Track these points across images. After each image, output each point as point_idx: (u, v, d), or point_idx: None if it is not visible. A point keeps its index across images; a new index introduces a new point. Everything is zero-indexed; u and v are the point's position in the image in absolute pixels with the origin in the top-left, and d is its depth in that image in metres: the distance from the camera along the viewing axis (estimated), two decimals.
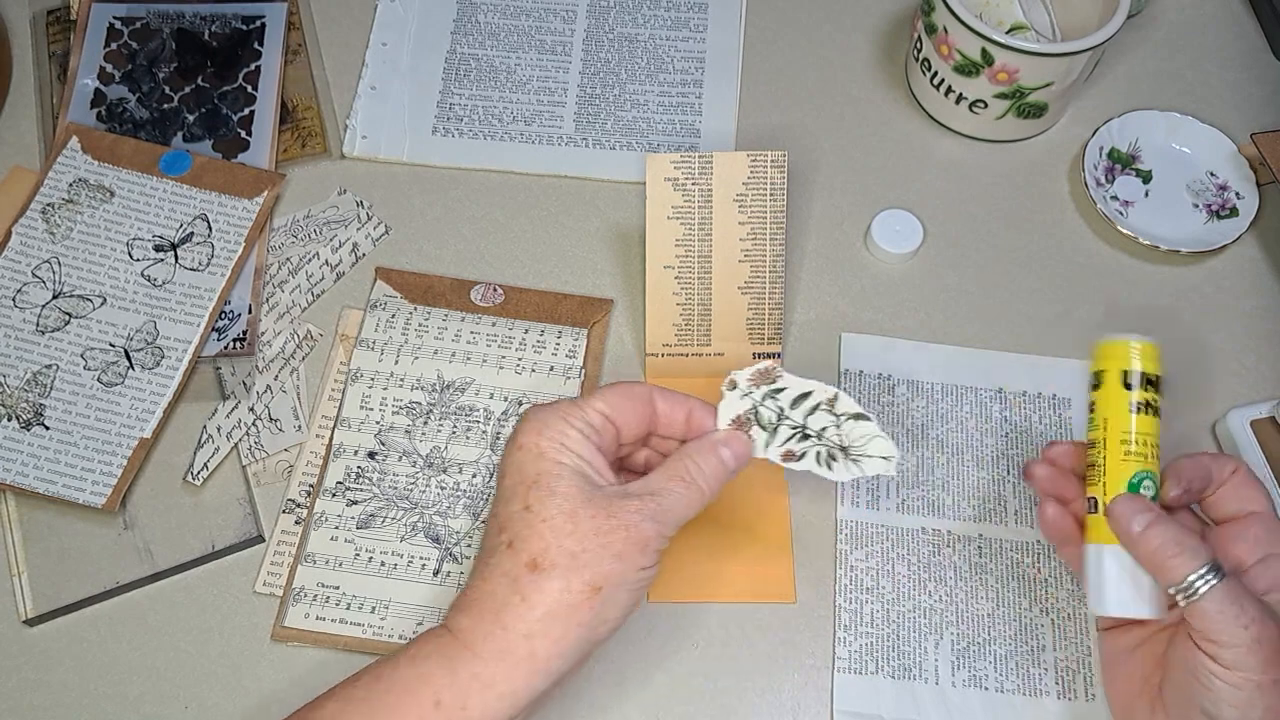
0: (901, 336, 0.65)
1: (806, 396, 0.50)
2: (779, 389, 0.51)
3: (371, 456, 0.60)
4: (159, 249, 0.64)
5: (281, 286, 0.65)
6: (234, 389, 0.62)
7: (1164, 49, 0.76)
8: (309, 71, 0.73)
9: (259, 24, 0.73)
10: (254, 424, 0.61)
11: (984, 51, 0.65)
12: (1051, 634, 0.56)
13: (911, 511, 0.59)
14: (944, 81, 0.69)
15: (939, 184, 0.70)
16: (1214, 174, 0.70)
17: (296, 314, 0.64)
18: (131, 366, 0.61)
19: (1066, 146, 0.72)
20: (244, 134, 0.69)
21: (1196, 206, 0.69)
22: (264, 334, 0.63)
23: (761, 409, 0.50)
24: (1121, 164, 0.70)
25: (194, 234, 0.65)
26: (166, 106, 0.70)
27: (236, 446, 0.60)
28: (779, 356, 0.62)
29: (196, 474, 0.59)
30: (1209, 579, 0.44)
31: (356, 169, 0.70)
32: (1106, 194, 0.69)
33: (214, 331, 0.63)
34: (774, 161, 0.59)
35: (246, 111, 0.70)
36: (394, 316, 0.64)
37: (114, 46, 0.71)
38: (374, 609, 0.56)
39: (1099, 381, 0.49)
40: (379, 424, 0.60)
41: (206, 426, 0.61)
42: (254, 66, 0.71)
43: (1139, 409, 0.48)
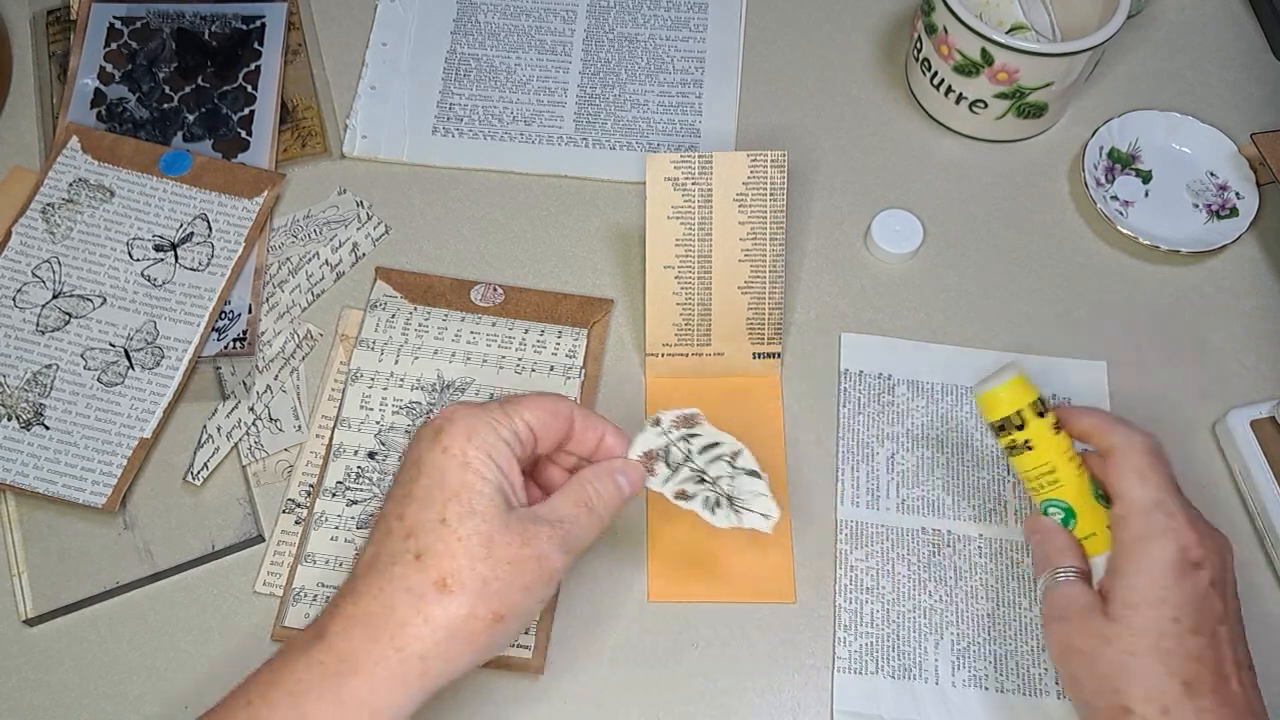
0: (901, 336, 0.65)
1: (715, 446, 0.53)
2: (694, 434, 0.53)
3: (371, 456, 0.60)
4: (159, 249, 0.64)
5: (281, 286, 0.65)
6: (234, 389, 0.62)
7: (1164, 49, 0.76)
8: (309, 71, 0.73)
9: (259, 24, 0.73)
10: (254, 424, 0.61)
11: (984, 51, 0.65)
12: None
13: (911, 511, 0.59)
14: (944, 81, 0.69)
15: (939, 184, 0.70)
16: (1214, 174, 0.70)
17: (296, 314, 0.64)
18: (131, 366, 0.61)
19: (1066, 146, 0.72)
20: (244, 134, 0.69)
21: (1196, 206, 0.69)
22: (264, 334, 0.63)
23: (673, 448, 0.53)
24: (1121, 164, 0.70)
25: (194, 234, 0.65)
26: (166, 106, 0.70)
27: (236, 446, 0.60)
28: (779, 356, 0.62)
29: (196, 474, 0.59)
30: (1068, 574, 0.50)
31: (356, 169, 0.70)
32: (1106, 194, 0.69)
33: (214, 331, 0.63)
34: (774, 161, 0.59)
35: (246, 111, 0.70)
36: (394, 316, 0.64)
37: (114, 46, 0.71)
38: None
39: (1021, 422, 0.52)
40: (379, 424, 0.60)
41: (206, 426, 0.61)
42: (254, 66, 0.71)
43: (1055, 428, 0.52)
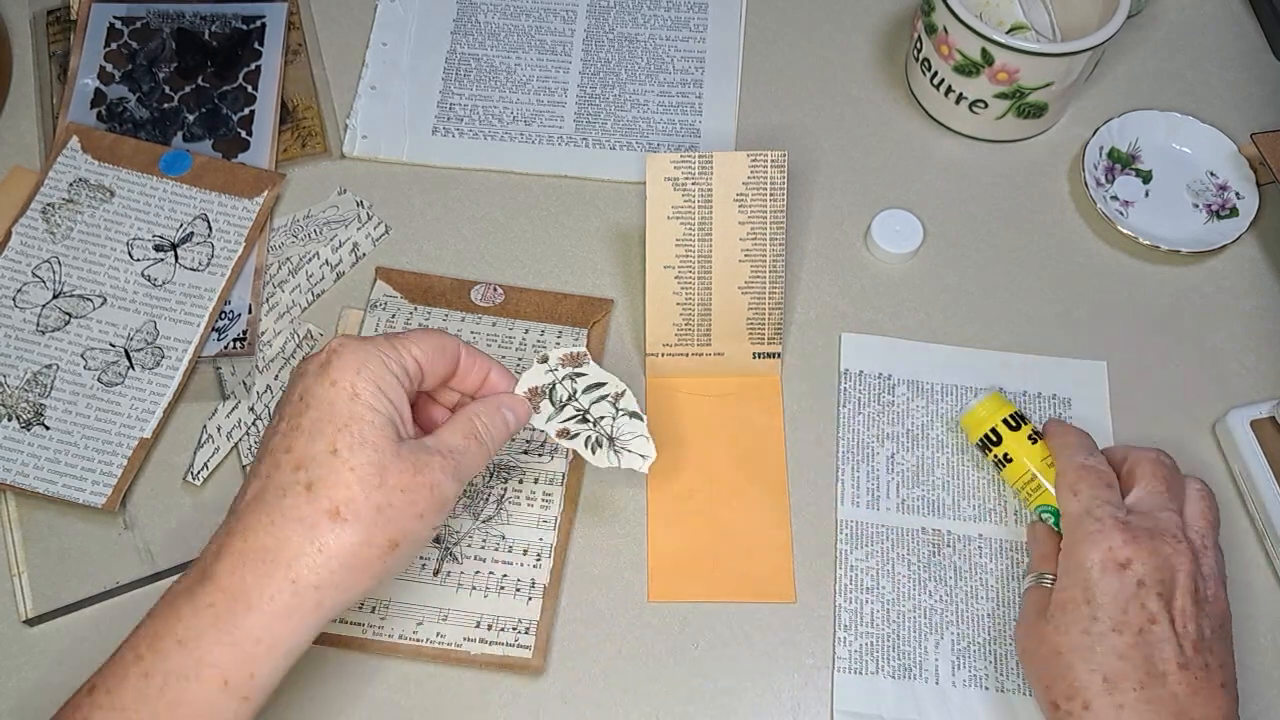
0: (901, 336, 0.65)
1: (599, 386, 0.54)
2: (581, 373, 0.54)
3: None
4: (159, 249, 0.64)
5: (281, 286, 0.65)
6: (234, 389, 0.62)
7: (1164, 49, 0.76)
8: (309, 71, 0.73)
9: (259, 24, 0.73)
10: (254, 424, 0.61)
11: (984, 51, 0.65)
12: None
13: (911, 511, 0.59)
14: (944, 81, 0.69)
15: (939, 184, 0.70)
16: (1214, 174, 0.70)
17: (296, 314, 0.64)
18: (131, 366, 0.61)
19: (1066, 146, 0.72)
20: (244, 134, 0.69)
21: (1196, 206, 0.69)
22: (264, 334, 0.63)
23: (559, 386, 0.54)
24: (1121, 164, 0.70)
25: (194, 234, 0.65)
26: (166, 106, 0.70)
27: (236, 446, 0.60)
28: (779, 356, 0.62)
29: (196, 474, 0.59)
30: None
31: (356, 169, 0.70)
32: (1106, 194, 0.69)
33: (214, 331, 0.63)
34: (774, 161, 0.59)
35: (246, 111, 0.70)
36: (394, 316, 0.64)
37: (114, 46, 0.71)
38: (374, 609, 0.56)
39: (997, 436, 0.57)
40: None
41: (206, 426, 0.61)
42: (254, 66, 0.71)
43: (1032, 439, 0.57)
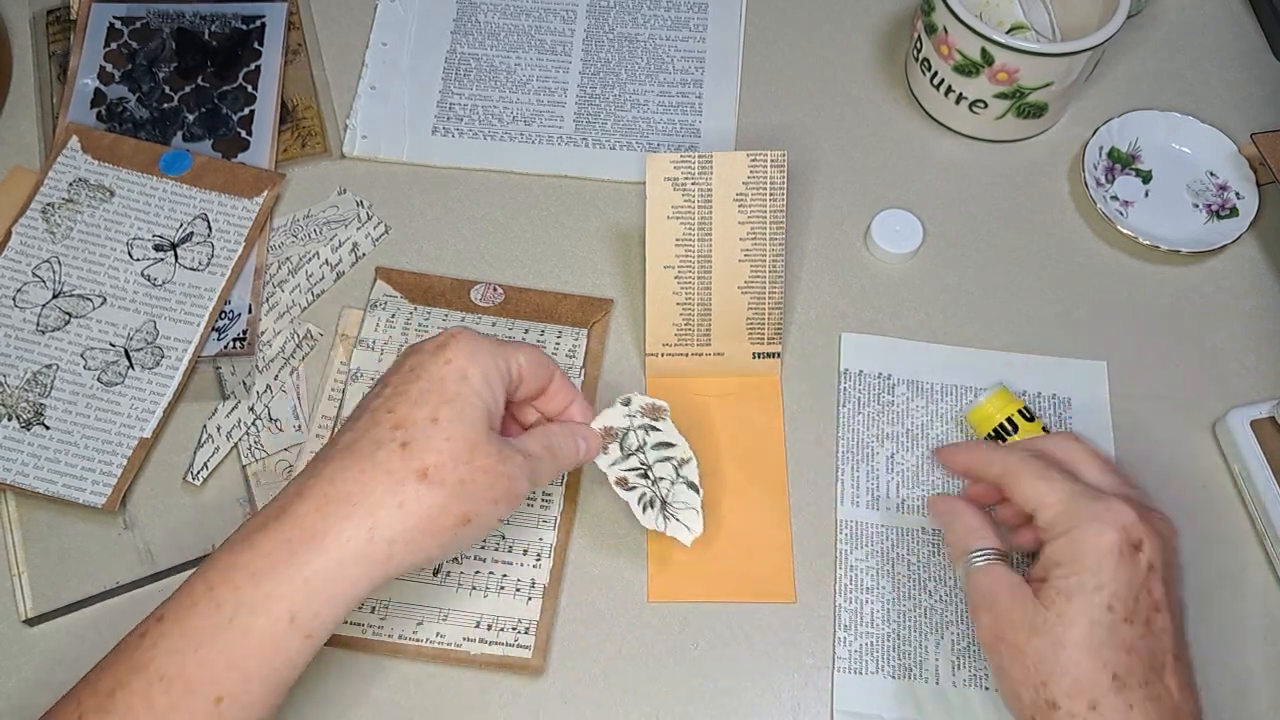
0: (901, 336, 0.65)
1: (669, 447, 0.55)
2: (655, 427, 0.55)
3: None
4: (159, 249, 0.64)
5: (281, 286, 0.65)
6: (234, 389, 0.62)
7: (1164, 49, 0.76)
8: (309, 71, 0.73)
9: (259, 24, 0.73)
10: (254, 424, 0.61)
11: (984, 51, 0.65)
12: None
13: (911, 511, 0.59)
14: (944, 81, 0.69)
15: (939, 184, 0.70)
16: (1214, 174, 0.70)
17: (296, 314, 0.64)
18: (131, 366, 0.61)
19: (1066, 146, 0.72)
20: (244, 134, 0.69)
21: (1196, 206, 0.69)
22: (264, 334, 0.63)
23: (633, 433, 0.55)
24: (1121, 164, 0.70)
25: (194, 234, 0.65)
26: (166, 106, 0.70)
27: (236, 446, 0.60)
28: (779, 356, 0.62)
29: (196, 474, 0.59)
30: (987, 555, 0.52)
31: (356, 169, 0.70)
32: (1106, 194, 0.69)
33: (214, 331, 0.63)
34: (774, 161, 0.59)
35: (246, 111, 0.70)
36: (394, 316, 0.64)
37: (114, 46, 0.71)
38: (374, 609, 0.56)
39: (1014, 427, 0.58)
40: None
41: (206, 426, 0.61)
42: (254, 66, 0.71)
43: (1045, 431, 0.58)
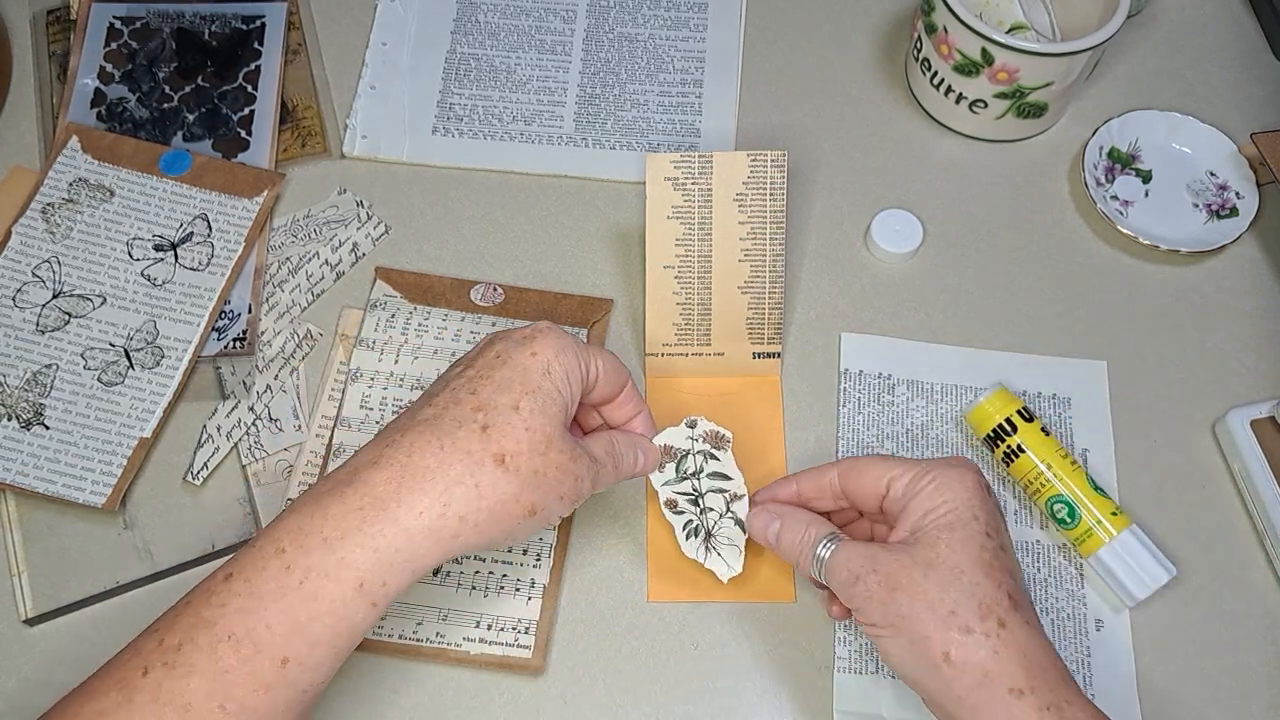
0: (901, 336, 0.65)
1: (725, 479, 0.55)
2: (715, 456, 0.55)
3: None
4: (159, 249, 0.64)
5: (281, 286, 0.65)
6: (234, 389, 0.62)
7: (1164, 49, 0.76)
8: (309, 71, 0.73)
9: (259, 24, 0.73)
10: (254, 424, 0.61)
11: (984, 51, 0.65)
12: (1050, 633, 0.56)
13: None
14: (944, 81, 0.69)
15: (939, 184, 0.70)
16: (1214, 174, 0.70)
17: (296, 314, 0.64)
18: (131, 366, 0.61)
19: (1066, 146, 0.72)
20: (244, 134, 0.69)
21: (1196, 206, 0.69)
22: (264, 334, 0.63)
23: (691, 457, 0.55)
24: (1121, 164, 0.70)
25: (194, 234, 0.65)
26: (166, 106, 0.70)
27: (236, 446, 0.60)
28: (779, 356, 0.62)
29: (196, 474, 0.59)
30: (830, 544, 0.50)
31: (356, 169, 0.70)
32: (1106, 194, 0.69)
33: (214, 331, 0.63)
34: (774, 161, 0.59)
35: (246, 111, 0.70)
36: (394, 316, 0.64)
37: (114, 46, 0.71)
38: None
39: (1013, 427, 0.57)
40: (379, 424, 0.60)
41: (206, 426, 0.61)
42: (254, 66, 0.71)
43: (1045, 432, 0.58)
